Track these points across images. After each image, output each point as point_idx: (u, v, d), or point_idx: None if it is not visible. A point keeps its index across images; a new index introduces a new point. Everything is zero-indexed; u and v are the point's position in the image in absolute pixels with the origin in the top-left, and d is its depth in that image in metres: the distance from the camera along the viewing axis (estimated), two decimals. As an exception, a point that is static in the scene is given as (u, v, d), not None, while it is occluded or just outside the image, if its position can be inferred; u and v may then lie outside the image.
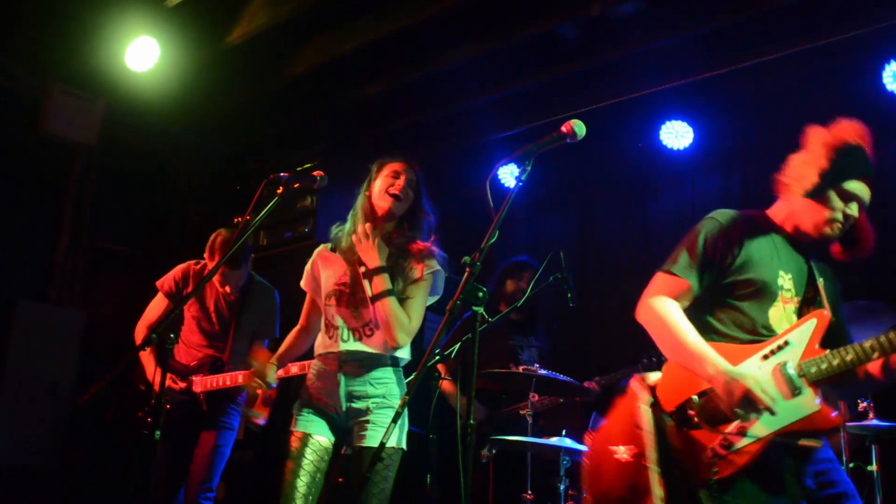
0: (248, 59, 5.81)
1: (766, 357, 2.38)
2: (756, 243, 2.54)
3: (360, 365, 3.22)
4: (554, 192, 6.44)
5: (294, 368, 3.76)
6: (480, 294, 2.23)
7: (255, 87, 6.07)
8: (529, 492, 4.08)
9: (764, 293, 2.49)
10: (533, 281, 4.18)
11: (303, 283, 3.47)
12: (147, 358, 4.26)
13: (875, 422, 3.67)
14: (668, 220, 5.84)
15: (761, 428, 2.30)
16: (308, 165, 6.16)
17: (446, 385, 4.87)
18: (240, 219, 4.32)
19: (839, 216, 2.51)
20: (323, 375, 3.26)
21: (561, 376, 4.35)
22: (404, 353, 3.32)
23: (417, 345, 5.05)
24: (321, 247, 3.50)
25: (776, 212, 2.66)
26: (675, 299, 2.55)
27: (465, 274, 2.24)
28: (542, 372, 4.22)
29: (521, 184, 2.42)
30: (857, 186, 2.53)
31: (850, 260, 2.57)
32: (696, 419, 2.37)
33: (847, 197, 2.52)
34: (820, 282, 2.51)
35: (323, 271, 3.40)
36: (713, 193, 5.63)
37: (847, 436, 3.74)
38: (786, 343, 2.38)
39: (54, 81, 5.82)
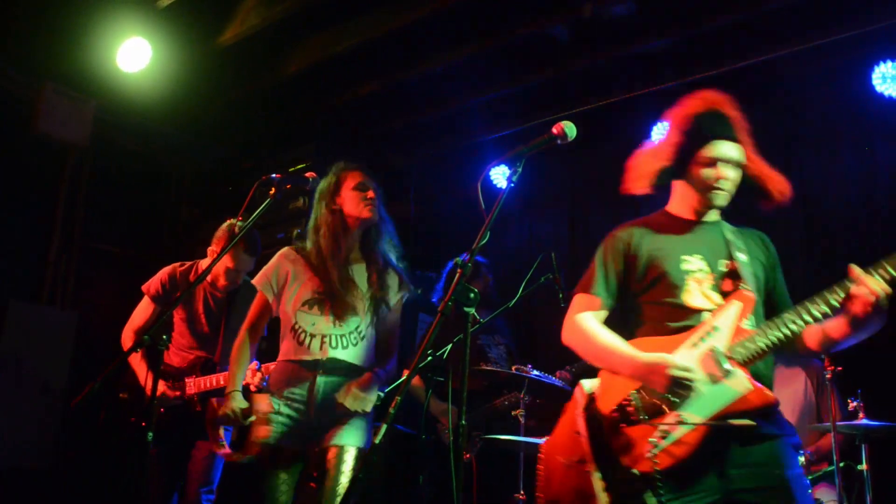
0: (240, 60, 5.81)
1: (695, 344, 2.42)
2: (653, 241, 2.61)
3: (341, 373, 3.25)
4: (546, 194, 6.45)
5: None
6: (472, 295, 2.23)
7: (248, 87, 6.07)
8: (521, 492, 4.09)
9: (669, 282, 2.52)
10: (524, 281, 4.19)
11: (259, 281, 3.40)
12: (138, 362, 4.23)
13: (865, 421, 3.69)
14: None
15: (695, 414, 2.33)
16: (301, 166, 6.16)
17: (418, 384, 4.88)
18: (232, 220, 4.30)
19: (716, 184, 2.54)
20: (296, 381, 3.25)
21: (554, 379, 4.38)
22: None
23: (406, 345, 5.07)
24: (286, 249, 3.47)
25: (671, 204, 2.72)
26: (595, 316, 2.65)
27: (457, 275, 2.25)
28: (535, 374, 4.24)
29: (512, 185, 2.43)
30: (716, 149, 2.54)
31: (776, 208, 2.56)
32: (634, 415, 2.42)
33: (709, 163, 2.54)
34: (738, 256, 2.49)
35: (293, 277, 3.38)
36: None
37: (838, 435, 3.76)
38: (713, 328, 2.41)
39: (46, 81, 5.80)
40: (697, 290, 2.49)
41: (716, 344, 2.38)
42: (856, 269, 2.23)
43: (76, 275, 6.30)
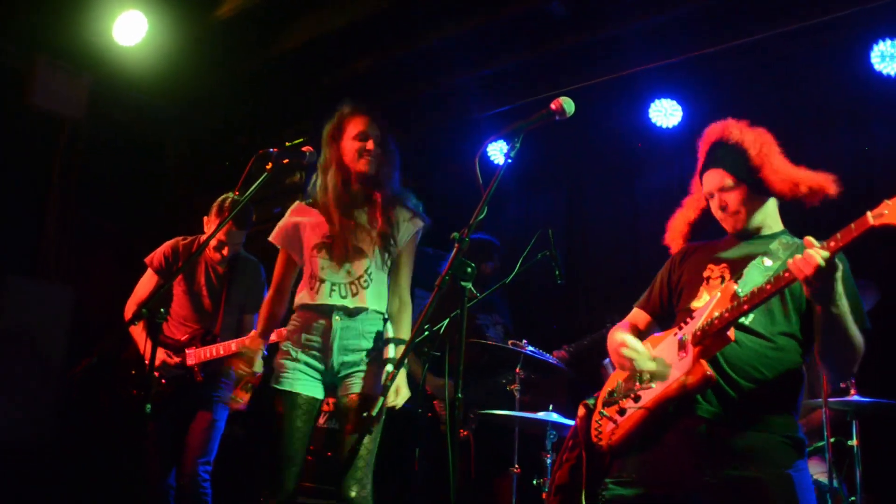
0: (236, 34, 5.77)
1: (676, 333, 2.46)
2: (697, 256, 2.67)
3: (354, 318, 3.23)
4: (543, 170, 6.45)
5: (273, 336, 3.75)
6: (469, 269, 2.25)
7: (244, 62, 6.03)
8: (517, 465, 4.14)
9: (688, 290, 2.58)
10: (521, 258, 4.20)
11: (276, 237, 3.39)
12: (139, 334, 4.28)
13: (856, 398, 3.74)
14: (655, 198, 5.87)
15: (650, 393, 2.40)
16: (298, 141, 6.15)
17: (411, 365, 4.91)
18: (230, 194, 4.32)
19: (719, 214, 2.62)
20: (312, 328, 3.24)
21: (548, 356, 4.41)
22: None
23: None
24: (296, 203, 3.47)
25: None
26: (632, 325, 2.76)
27: (454, 250, 2.26)
28: (530, 349, 4.27)
29: (509, 160, 2.44)
30: (705, 184, 2.64)
31: (815, 204, 2.57)
32: (612, 397, 2.55)
33: (709, 197, 2.64)
34: (759, 262, 2.46)
35: (304, 225, 3.37)
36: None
37: (829, 411, 3.80)
38: (692, 317, 2.43)
39: (41, 54, 5.76)
40: (706, 293, 2.52)
41: (689, 329, 2.40)
42: (808, 239, 2.14)
43: (72, 249, 6.29)
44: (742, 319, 2.36)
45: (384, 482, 4.84)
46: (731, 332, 2.29)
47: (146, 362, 4.19)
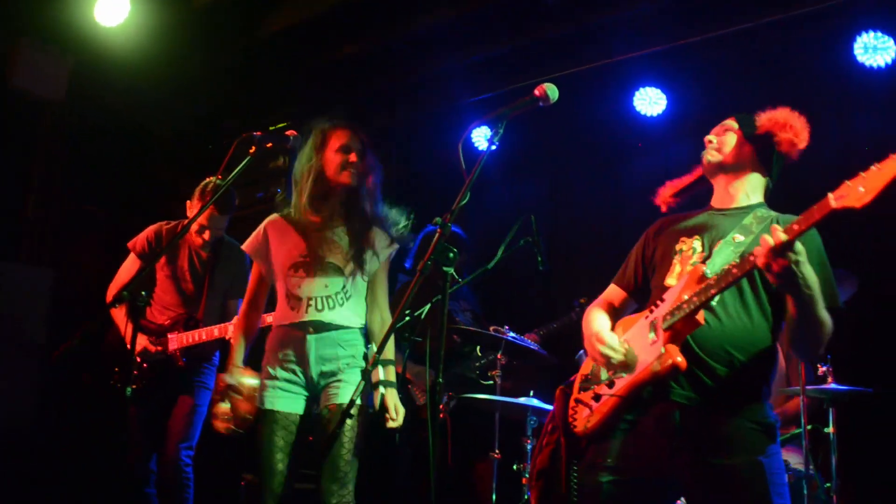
0: (221, 17, 5.72)
1: (647, 316, 2.45)
2: (672, 228, 2.65)
3: (330, 331, 3.25)
4: (527, 157, 6.45)
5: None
6: (451, 255, 2.26)
7: (229, 45, 5.99)
8: (497, 451, 4.17)
9: (662, 265, 2.57)
10: (504, 244, 4.22)
11: (249, 247, 3.41)
12: (121, 318, 4.26)
13: (833, 385, 3.78)
14: (640, 186, 5.88)
15: (623, 380, 2.40)
16: (281, 125, 6.13)
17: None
18: (212, 178, 4.29)
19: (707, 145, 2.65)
20: (289, 343, 3.26)
21: (529, 342, 4.43)
22: None
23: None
24: (271, 217, 3.46)
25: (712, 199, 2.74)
26: (607, 302, 2.74)
27: (437, 235, 2.27)
28: (511, 336, 4.29)
29: (493, 146, 2.45)
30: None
31: (799, 154, 2.58)
32: (588, 383, 2.55)
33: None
34: (731, 238, 2.44)
35: (278, 242, 3.37)
36: (685, 160, 5.67)
37: (806, 399, 3.85)
38: (662, 300, 2.42)
39: (22, 36, 5.69)
40: (678, 269, 2.50)
41: (658, 314, 2.38)
42: (774, 227, 2.10)
43: (54, 232, 6.25)
44: (711, 301, 2.35)
45: (366, 468, 4.87)
46: (701, 316, 2.27)
47: (128, 345, 4.20)
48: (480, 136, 6.30)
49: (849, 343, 4.62)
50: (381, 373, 3.23)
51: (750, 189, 2.58)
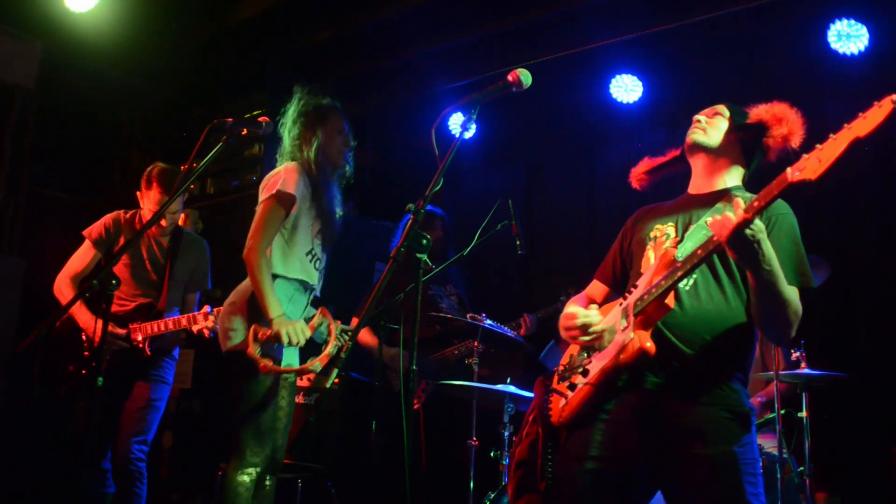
0: (192, 3, 5.65)
1: (620, 303, 2.43)
2: (644, 221, 2.64)
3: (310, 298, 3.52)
4: (503, 144, 6.45)
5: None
6: (424, 241, 2.24)
7: (200, 31, 5.91)
8: (474, 438, 4.16)
9: (638, 252, 2.56)
10: (480, 228, 4.20)
11: (290, 184, 3.33)
12: (78, 308, 4.12)
13: (807, 370, 3.82)
14: (615, 173, 5.89)
15: (594, 367, 2.39)
16: (256, 112, 6.06)
17: (366, 338, 4.90)
18: (184, 166, 4.21)
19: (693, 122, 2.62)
20: (298, 300, 3.43)
21: (507, 329, 4.42)
22: None
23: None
24: (294, 165, 3.43)
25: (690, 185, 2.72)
26: (588, 298, 2.73)
27: (409, 221, 2.25)
28: (489, 323, 4.28)
29: (466, 132, 2.43)
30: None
31: (783, 148, 2.51)
32: (564, 372, 2.53)
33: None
34: (702, 221, 2.42)
35: (314, 196, 3.48)
36: (661, 148, 5.69)
37: (780, 384, 3.88)
38: (636, 286, 2.40)
39: (-11, 21, 5.60)
40: (651, 254, 2.50)
41: (631, 299, 2.36)
42: (736, 200, 2.08)
43: (24, 220, 6.15)
44: (683, 284, 2.33)
45: (343, 455, 4.86)
46: (671, 300, 2.24)
47: (90, 335, 4.11)
48: (456, 124, 6.28)
49: (821, 328, 4.67)
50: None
51: (728, 176, 2.57)
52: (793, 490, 3.82)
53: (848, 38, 4.78)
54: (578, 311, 2.44)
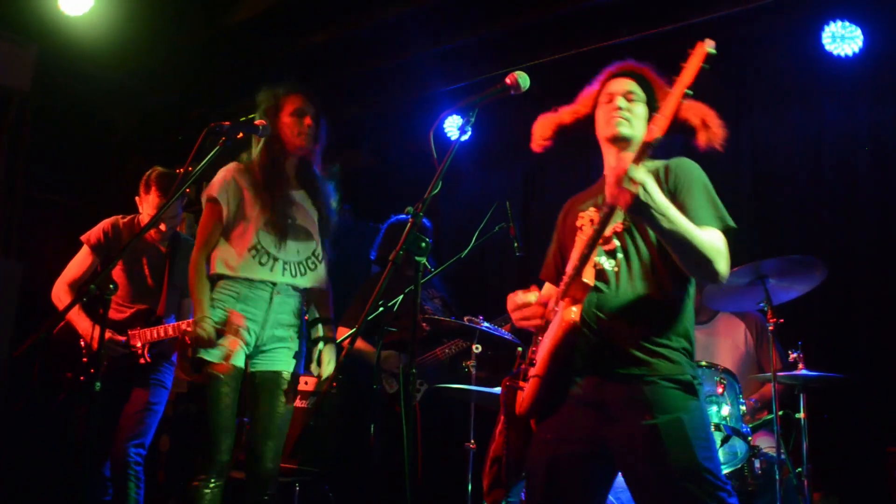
0: (187, 5, 5.63)
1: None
2: (570, 212, 2.69)
3: (292, 296, 3.38)
4: (501, 147, 6.44)
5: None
6: (423, 244, 2.25)
7: (196, 34, 5.90)
8: (472, 441, 4.15)
9: (568, 243, 2.57)
10: (478, 230, 4.20)
11: (216, 188, 3.37)
12: (76, 314, 4.11)
13: (804, 372, 3.82)
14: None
15: (538, 355, 2.42)
16: (252, 116, 6.03)
17: (360, 344, 4.89)
18: (181, 170, 4.21)
19: (610, 105, 2.62)
20: (250, 299, 3.31)
21: (504, 332, 4.42)
22: None
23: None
24: (234, 165, 3.46)
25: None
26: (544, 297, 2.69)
27: (409, 224, 2.25)
28: (485, 325, 4.28)
29: (464, 134, 2.44)
30: (613, 84, 2.69)
31: (707, 143, 2.47)
32: (526, 365, 2.55)
33: (608, 100, 2.68)
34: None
35: (252, 193, 3.39)
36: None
37: (778, 385, 3.88)
38: (566, 274, 2.42)
39: (-16, 25, 5.59)
40: (578, 244, 2.49)
41: (558, 289, 2.41)
42: (621, 155, 2.17)
43: (20, 224, 6.14)
44: (611, 266, 2.35)
45: (340, 459, 4.85)
46: (588, 276, 2.26)
47: (89, 341, 4.10)
48: (453, 126, 6.28)
49: (819, 329, 4.68)
50: (321, 330, 3.42)
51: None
52: (791, 491, 3.82)
53: (843, 39, 4.78)
54: (518, 295, 2.48)
